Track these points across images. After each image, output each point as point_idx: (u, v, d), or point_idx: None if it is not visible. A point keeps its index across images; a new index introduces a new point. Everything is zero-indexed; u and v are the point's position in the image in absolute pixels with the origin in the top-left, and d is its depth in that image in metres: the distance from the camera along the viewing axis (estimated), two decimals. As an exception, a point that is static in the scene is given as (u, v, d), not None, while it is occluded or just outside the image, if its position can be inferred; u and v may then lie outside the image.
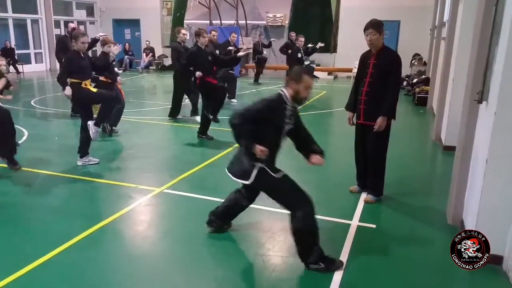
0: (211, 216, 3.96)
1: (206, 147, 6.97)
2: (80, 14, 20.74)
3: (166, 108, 10.10)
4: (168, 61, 20.14)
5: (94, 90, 5.76)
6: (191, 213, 4.51)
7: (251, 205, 3.89)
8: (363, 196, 4.86)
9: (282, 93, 3.41)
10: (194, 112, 8.81)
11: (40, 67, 18.80)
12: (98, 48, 9.52)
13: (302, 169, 4.46)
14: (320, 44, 12.23)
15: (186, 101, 9.15)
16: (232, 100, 10.88)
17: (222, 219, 3.95)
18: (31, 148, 6.72)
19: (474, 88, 3.76)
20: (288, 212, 3.40)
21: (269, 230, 4.09)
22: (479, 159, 3.68)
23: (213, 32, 10.64)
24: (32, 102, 10.79)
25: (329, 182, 5.51)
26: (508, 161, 3.26)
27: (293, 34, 12.47)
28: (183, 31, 8.76)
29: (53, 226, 4.16)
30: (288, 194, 3.38)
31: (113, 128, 7.47)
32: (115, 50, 6.62)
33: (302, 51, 11.75)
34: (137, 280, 3.30)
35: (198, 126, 7.47)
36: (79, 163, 5.84)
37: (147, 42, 19.91)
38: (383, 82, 4.38)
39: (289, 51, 12.00)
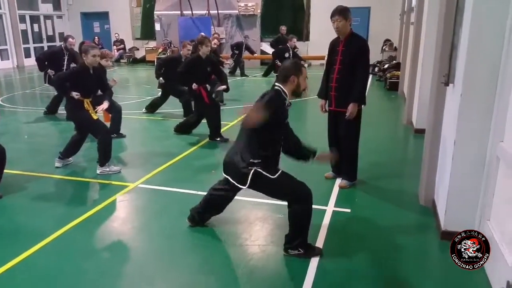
0: (193, 211, 3.93)
1: (181, 140, 6.91)
2: (46, 8, 20.15)
3: (139, 101, 9.97)
4: (139, 54, 19.86)
5: (95, 117, 5.33)
6: (166, 207, 4.48)
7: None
8: (338, 181, 4.92)
9: (279, 88, 3.37)
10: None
11: (7, 64, 18.21)
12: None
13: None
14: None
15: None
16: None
17: (204, 213, 3.88)
18: None
19: (441, 71, 3.83)
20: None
21: (246, 220, 4.10)
22: (447, 141, 3.76)
23: (215, 41, 10.11)
24: (-1, 101, 10.50)
25: (304, 169, 5.51)
26: (475, 142, 3.34)
27: (283, 27, 12.34)
28: (188, 46, 8.03)
29: (24, 226, 4.07)
30: (285, 191, 3.39)
31: (120, 133, 7.06)
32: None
33: (290, 52, 11.73)
34: (113, 276, 3.27)
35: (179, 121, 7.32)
36: (98, 171, 5.37)
37: (116, 35, 19.55)
38: (352, 69, 4.41)
39: (279, 46, 11.92)
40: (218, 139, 6.79)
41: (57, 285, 3.15)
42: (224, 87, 7.65)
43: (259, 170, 3.28)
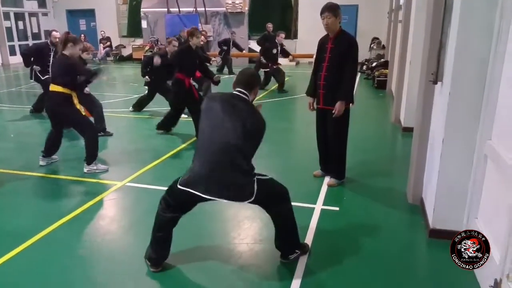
0: (148, 256, 3.32)
1: (168, 139, 6.86)
2: (31, 6, 19.84)
3: (126, 99, 9.87)
4: (126, 51, 19.68)
5: (83, 113, 5.28)
6: (154, 205, 4.38)
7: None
8: (326, 180, 4.91)
9: (247, 97, 3.10)
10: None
11: (-8, 61, 17.96)
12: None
13: (266, 156, 4.46)
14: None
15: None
16: None
17: (160, 249, 3.28)
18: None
19: (429, 69, 3.84)
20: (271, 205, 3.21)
21: (234, 218, 4.08)
22: (436, 139, 3.77)
23: (202, 37, 10.07)
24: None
25: (293, 167, 5.54)
26: (463, 140, 3.35)
27: (269, 25, 12.25)
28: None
29: (9, 225, 3.99)
30: (276, 191, 3.18)
31: (106, 131, 6.99)
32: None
33: (279, 48, 11.61)
34: (100, 275, 3.23)
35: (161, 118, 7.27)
36: (85, 169, 5.30)
37: (102, 33, 19.33)
38: (341, 66, 4.39)
39: (266, 43, 11.79)
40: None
41: (42, 284, 3.10)
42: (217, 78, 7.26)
43: (258, 177, 3.04)
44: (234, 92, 3.12)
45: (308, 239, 3.65)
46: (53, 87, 5.05)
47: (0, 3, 17.88)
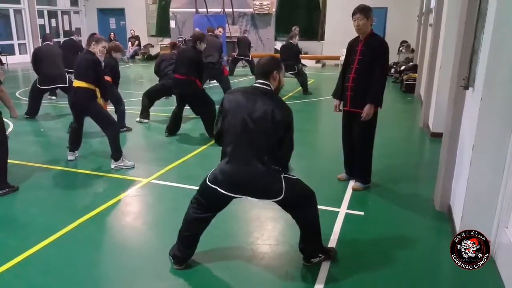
0: (172, 253, 3.35)
1: (193, 138, 6.92)
2: (64, 4, 20.35)
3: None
4: (154, 51, 19.94)
5: (105, 107, 5.50)
6: (179, 203, 4.45)
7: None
8: (351, 183, 4.87)
9: (268, 87, 3.03)
10: None
11: (24, 58, 18.38)
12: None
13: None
14: None
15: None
16: None
17: (185, 248, 3.30)
18: (16, 140, 6.61)
19: (460, 74, 3.76)
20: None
21: (257, 219, 4.08)
22: (465, 145, 3.69)
23: (219, 29, 10.12)
24: (17, 94, 10.59)
25: (317, 170, 5.51)
26: (494, 147, 3.27)
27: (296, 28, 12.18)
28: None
29: (38, 219, 4.10)
30: (304, 193, 3.13)
31: (126, 127, 7.20)
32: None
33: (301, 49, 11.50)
34: (125, 271, 3.28)
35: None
36: (112, 165, 5.39)
37: (132, 31, 19.65)
38: (370, 69, 4.35)
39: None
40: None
41: (69, 278, 3.17)
42: None
43: (285, 175, 3.00)
44: (254, 84, 3.07)
45: (332, 243, 3.62)
46: (77, 83, 5.20)
47: (35, 1, 18.38)
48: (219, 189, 2.96)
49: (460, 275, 3.20)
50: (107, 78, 6.72)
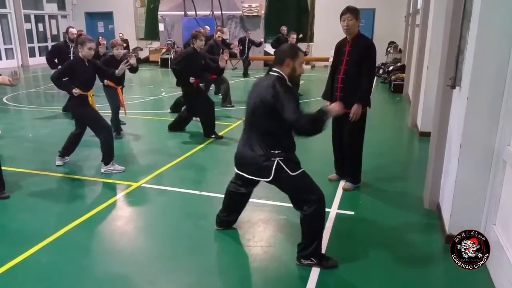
0: (219, 216, 3.88)
1: (184, 141, 6.91)
2: (51, 8, 20.22)
3: (142, 101, 9.95)
4: (143, 54, 19.87)
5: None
6: (170, 207, 4.47)
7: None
8: (342, 184, 4.89)
9: (279, 74, 3.15)
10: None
11: (11, 63, 18.25)
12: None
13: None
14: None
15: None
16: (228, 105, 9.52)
17: (229, 215, 3.84)
18: (4, 146, 6.55)
19: (447, 74, 3.81)
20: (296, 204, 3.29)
21: (248, 221, 4.08)
22: (453, 144, 3.73)
23: (218, 33, 10.09)
24: (4, 99, 10.51)
25: (308, 171, 5.46)
26: (481, 145, 3.31)
27: (284, 28, 12.25)
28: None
29: (27, 225, 4.06)
30: (301, 190, 3.23)
31: (120, 132, 7.17)
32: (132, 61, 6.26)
33: None
34: (117, 277, 3.26)
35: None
36: (102, 170, 5.39)
37: (120, 35, 19.54)
38: (358, 69, 4.39)
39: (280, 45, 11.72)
40: (213, 136, 6.94)
41: (59, 285, 3.14)
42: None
43: (280, 163, 3.13)
44: (269, 72, 3.27)
45: (323, 243, 3.62)
46: None
47: (21, 6, 18.23)
48: (235, 167, 3.42)
49: (450, 272, 3.24)
50: (111, 83, 6.73)
